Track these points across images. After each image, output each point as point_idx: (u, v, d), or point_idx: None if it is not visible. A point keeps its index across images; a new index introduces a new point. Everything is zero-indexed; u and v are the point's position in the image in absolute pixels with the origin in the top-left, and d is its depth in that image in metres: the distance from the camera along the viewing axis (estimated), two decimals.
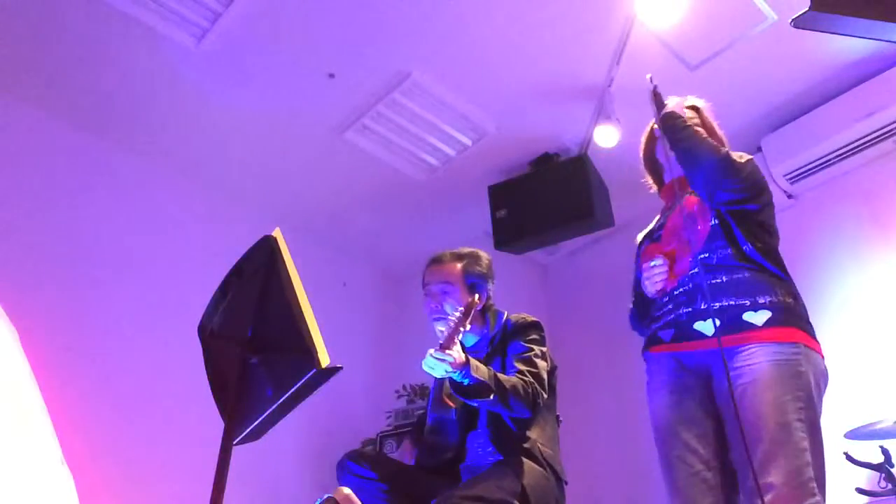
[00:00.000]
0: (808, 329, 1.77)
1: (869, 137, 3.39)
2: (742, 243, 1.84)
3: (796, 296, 1.81)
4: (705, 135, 2.00)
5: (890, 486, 2.69)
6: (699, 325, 1.79)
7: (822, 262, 3.52)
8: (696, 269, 1.85)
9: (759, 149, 3.69)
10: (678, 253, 1.94)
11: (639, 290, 2.05)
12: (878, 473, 2.73)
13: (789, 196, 3.71)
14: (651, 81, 2.15)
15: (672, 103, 2.08)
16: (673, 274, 1.93)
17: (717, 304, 1.78)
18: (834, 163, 3.53)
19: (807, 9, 1.17)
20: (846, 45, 3.20)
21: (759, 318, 1.73)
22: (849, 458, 2.78)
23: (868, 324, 3.28)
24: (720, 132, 2.12)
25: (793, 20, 1.22)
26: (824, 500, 1.61)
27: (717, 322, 1.74)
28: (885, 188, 3.44)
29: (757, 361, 1.69)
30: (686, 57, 3.29)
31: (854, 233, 3.50)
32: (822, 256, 3.54)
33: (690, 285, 1.85)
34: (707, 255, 1.86)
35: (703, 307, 1.79)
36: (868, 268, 3.38)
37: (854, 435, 2.76)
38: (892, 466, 2.73)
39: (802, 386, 1.67)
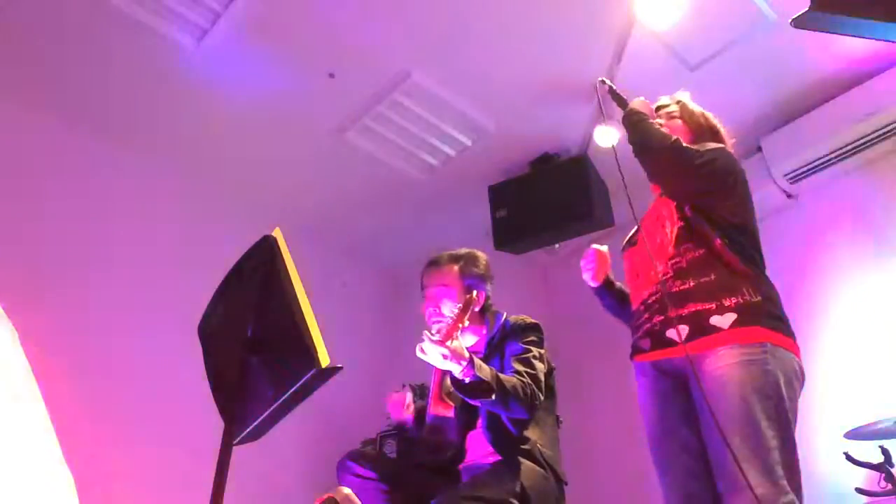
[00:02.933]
0: (777, 326, 1.77)
1: (869, 137, 3.39)
2: (712, 239, 1.83)
3: (766, 293, 1.80)
4: (681, 128, 2.01)
5: (890, 486, 2.69)
6: (671, 333, 1.81)
7: (821, 262, 3.52)
8: (668, 275, 1.85)
9: (759, 149, 3.69)
10: (652, 257, 1.95)
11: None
12: (878, 473, 2.73)
13: (789, 196, 3.71)
14: (603, 84, 2.16)
15: (635, 102, 2.08)
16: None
17: (686, 310, 1.79)
18: (834, 163, 3.53)
19: (807, 9, 1.17)
20: (846, 45, 3.20)
21: (724, 321, 1.74)
22: (849, 458, 2.78)
23: (867, 323, 3.27)
24: (711, 121, 2.11)
25: (793, 20, 1.22)
26: (799, 498, 1.62)
27: (687, 328, 1.77)
28: (884, 188, 3.44)
29: (724, 364, 1.71)
30: (686, 57, 3.29)
31: (853, 233, 3.49)
32: (821, 256, 3.53)
33: (662, 293, 1.86)
34: (677, 259, 1.87)
35: (673, 315, 1.80)
36: (867, 268, 3.38)
37: (854, 435, 2.76)
38: (892, 466, 2.73)
39: (770, 384, 1.68)
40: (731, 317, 1.74)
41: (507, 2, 3.02)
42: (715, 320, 1.75)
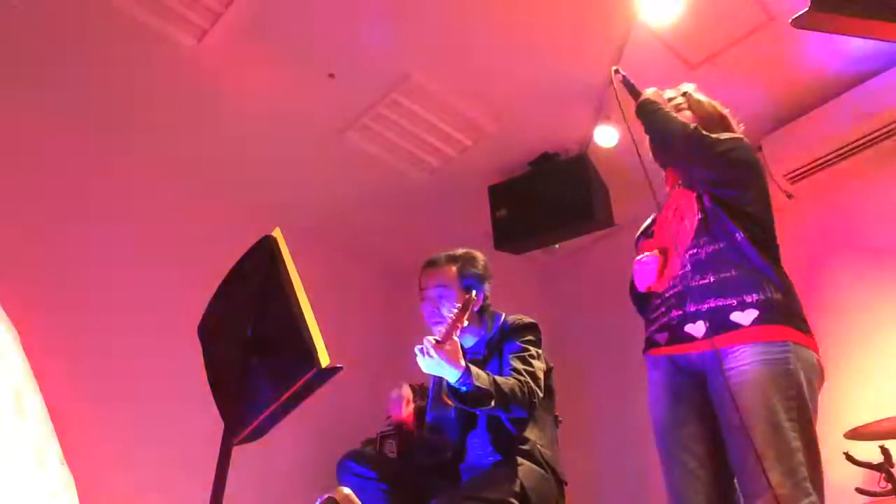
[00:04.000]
0: (798, 325, 1.74)
1: (869, 137, 3.39)
2: (733, 231, 1.81)
3: (787, 290, 1.77)
4: (691, 118, 1.99)
5: (890, 486, 2.69)
6: (689, 328, 1.79)
7: (821, 262, 3.52)
8: (686, 268, 1.84)
9: (760, 149, 3.68)
10: (669, 251, 1.93)
11: (632, 285, 2.06)
12: (878, 473, 2.73)
13: (789, 196, 3.71)
14: (617, 73, 2.14)
15: (648, 92, 2.06)
16: (661, 273, 1.92)
17: (705, 305, 1.77)
18: (834, 163, 3.52)
19: (807, 9, 1.17)
20: (846, 45, 3.20)
21: (746, 317, 1.72)
22: (849, 458, 2.78)
23: (868, 323, 3.27)
24: (720, 110, 2.08)
25: (793, 20, 1.21)
26: (821, 499, 1.60)
27: (706, 324, 1.74)
28: (884, 188, 3.44)
29: (746, 362, 1.68)
30: (686, 57, 3.29)
31: (853, 232, 3.49)
32: (821, 256, 3.54)
33: (680, 286, 1.84)
34: (695, 250, 1.85)
35: (692, 310, 1.78)
36: (867, 267, 3.38)
37: (854, 435, 2.76)
38: (893, 466, 2.73)
39: (793, 385, 1.65)
40: (752, 313, 1.71)
41: (506, 1, 3.02)
42: (736, 317, 1.72)
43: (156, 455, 3.19)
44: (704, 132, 1.89)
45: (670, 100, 2.11)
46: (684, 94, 2.12)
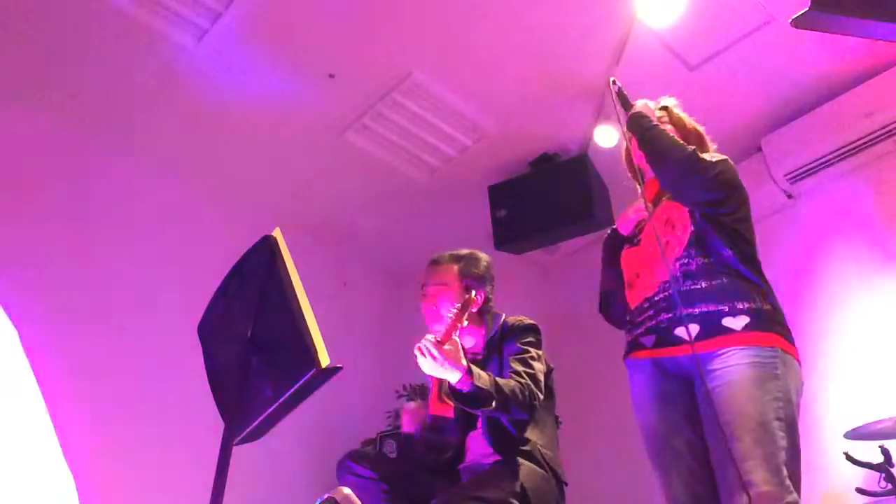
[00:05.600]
0: (786, 335, 1.79)
1: (869, 137, 3.39)
2: (721, 249, 1.84)
3: (773, 302, 1.83)
4: (672, 133, 2.01)
5: (890, 486, 2.69)
6: (680, 331, 1.80)
7: (821, 262, 3.52)
8: (676, 275, 1.85)
9: (759, 149, 3.69)
10: (658, 257, 1.94)
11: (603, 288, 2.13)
12: (878, 473, 2.73)
13: (789, 196, 3.71)
14: (614, 84, 2.15)
15: (639, 104, 2.07)
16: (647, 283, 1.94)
17: (697, 309, 1.79)
18: (834, 163, 3.53)
19: (807, 9, 1.17)
20: (846, 45, 3.20)
21: (737, 323, 1.75)
22: (849, 458, 2.78)
23: (868, 324, 3.27)
24: (697, 128, 2.11)
25: (793, 20, 1.21)
26: (799, 499, 1.64)
27: (697, 327, 1.77)
28: (885, 188, 3.44)
29: (735, 363, 1.71)
30: (686, 57, 3.29)
31: (853, 232, 3.49)
32: (821, 256, 3.54)
33: (671, 290, 1.85)
34: (686, 260, 1.87)
35: (683, 313, 1.80)
36: (867, 267, 3.38)
37: (854, 435, 2.76)
38: (892, 466, 2.73)
39: (780, 387, 1.69)
40: (743, 319, 1.75)
41: (506, 2, 3.02)
42: (727, 321, 1.75)
43: (156, 455, 3.19)
44: (700, 155, 1.91)
45: None
46: (663, 108, 2.13)
